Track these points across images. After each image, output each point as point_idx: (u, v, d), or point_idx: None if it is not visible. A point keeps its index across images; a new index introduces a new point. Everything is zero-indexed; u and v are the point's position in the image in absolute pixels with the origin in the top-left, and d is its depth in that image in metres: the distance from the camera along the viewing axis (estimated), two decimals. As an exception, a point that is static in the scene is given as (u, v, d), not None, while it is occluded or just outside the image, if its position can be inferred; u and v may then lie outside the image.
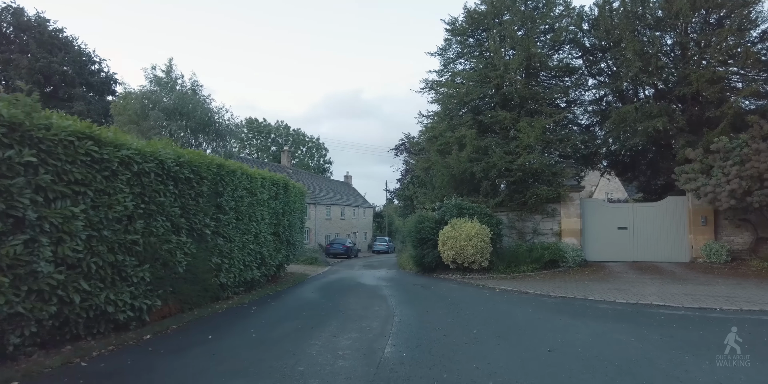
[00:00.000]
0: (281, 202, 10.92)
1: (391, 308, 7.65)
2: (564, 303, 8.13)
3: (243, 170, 8.70)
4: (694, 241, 12.98)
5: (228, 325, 6.51)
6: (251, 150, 51.97)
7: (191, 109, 21.20)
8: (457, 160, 14.57)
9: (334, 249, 29.56)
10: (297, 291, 10.30)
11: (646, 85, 14.01)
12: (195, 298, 7.38)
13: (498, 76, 14.87)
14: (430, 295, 9.35)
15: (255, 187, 9.24)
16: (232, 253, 8.26)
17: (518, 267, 12.61)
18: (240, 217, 8.58)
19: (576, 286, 9.88)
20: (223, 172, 7.78)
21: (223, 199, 7.84)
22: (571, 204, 14.10)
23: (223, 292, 8.37)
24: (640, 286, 9.59)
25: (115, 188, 5.24)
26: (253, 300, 8.80)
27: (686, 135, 12.81)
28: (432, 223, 13.52)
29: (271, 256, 10.30)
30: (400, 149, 32.54)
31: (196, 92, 22.57)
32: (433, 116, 17.59)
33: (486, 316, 6.88)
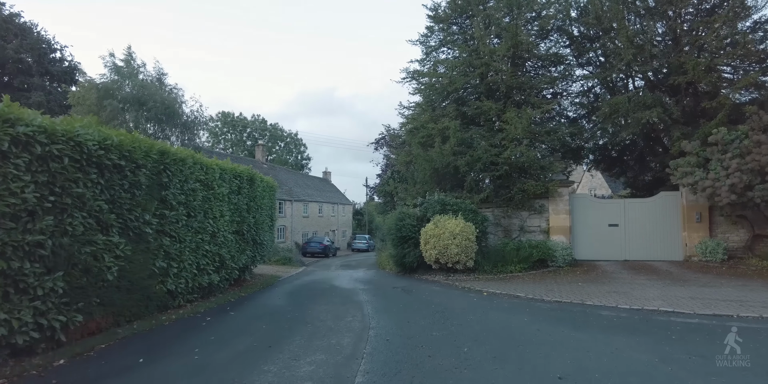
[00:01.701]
0: (245, 197, 9.75)
1: (366, 318, 6.63)
2: (561, 309, 7.25)
3: (196, 159, 7.50)
4: (689, 239, 12.36)
5: (169, 343, 5.38)
6: (226, 145, 50.04)
7: (154, 98, 19.70)
8: (440, 153, 13.66)
9: (311, 248, 28.17)
10: (263, 297, 9.17)
11: (639, 74, 13.33)
12: (134, 309, 6.22)
13: (483, 64, 13.99)
14: (412, 300, 8.36)
15: (212, 180, 8.06)
16: (182, 254, 7.09)
17: (505, 267, 11.77)
18: (192, 214, 7.41)
19: (570, 289, 9.05)
20: (168, 160, 6.56)
21: (169, 192, 6.66)
22: (560, 200, 13.34)
23: (173, 300, 7.22)
24: (640, 288, 8.82)
25: (5, 175, 4.05)
26: (209, 308, 7.66)
27: (681, 127, 12.17)
28: (413, 221, 12.58)
29: (233, 258, 9.14)
30: (380, 143, 31.21)
31: (162, 81, 21.04)
32: (414, 107, 16.63)
33: (477, 329, 5.93)
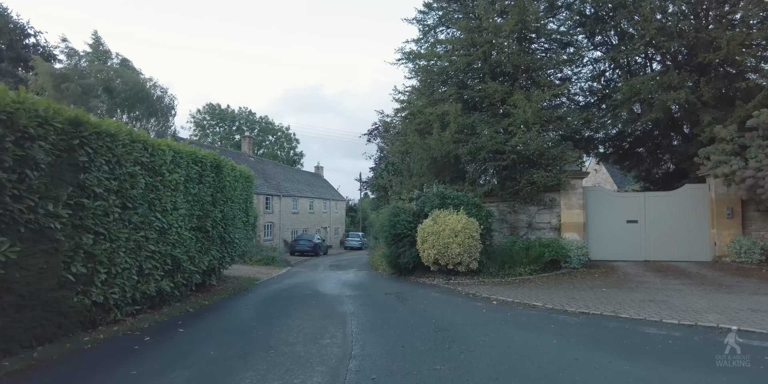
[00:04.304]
0: (209, 188, 8.22)
1: (349, 340, 5.14)
2: (593, 325, 5.82)
3: (135, 136, 5.94)
4: (718, 237, 10.98)
5: (69, 381, 3.88)
6: (214, 138, 48.15)
7: (124, 80, 18.00)
8: (439, 140, 12.18)
9: (300, 246, 26.41)
10: (228, 306, 7.66)
11: (658, 54, 11.86)
12: (39, 330, 4.70)
13: (487, 41, 12.50)
14: (408, 312, 6.89)
15: (160, 164, 6.51)
16: (114, 257, 5.56)
17: (513, 269, 10.34)
18: (130, 205, 5.86)
19: (595, 296, 7.63)
20: (86, 132, 5.00)
21: (91, 175, 5.11)
22: (573, 193, 11.91)
23: (106, 314, 5.71)
24: (678, 295, 7.42)
25: None
26: (156, 323, 6.16)
27: (711, 110, 10.75)
28: (409, 216, 11.13)
29: (193, 260, 7.60)
30: (373, 134, 29.53)
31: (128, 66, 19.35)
32: (410, 92, 15.11)
33: (494, 358, 4.46)
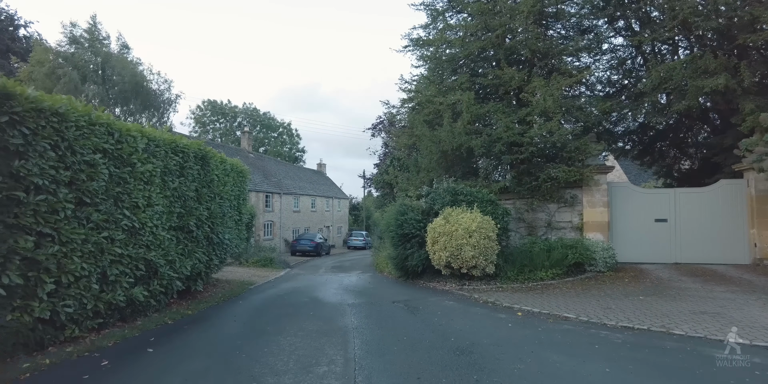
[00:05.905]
0: (193, 181, 7.24)
1: (350, 371, 4.13)
2: (646, 346, 4.80)
3: (94, 118, 4.95)
4: (759, 238, 9.93)
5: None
6: (214, 135, 47.21)
7: (121, 72, 17.04)
8: (451, 132, 11.18)
9: (301, 246, 25.34)
10: (213, 317, 6.69)
11: (701, 30, 10.76)
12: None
13: (502, 25, 11.46)
14: (420, 328, 5.87)
15: (129, 152, 5.53)
16: (66, 263, 4.59)
17: (534, 273, 9.34)
18: (89, 200, 4.89)
19: (633, 306, 6.62)
20: (18, 108, 3.98)
21: (27, 163, 4.13)
22: (597, 189, 10.88)
23: (59, 331, 4.75)
24: (732, 306, 6.40)
25: None
26: (123, 339, 5.20)
27: (754, 97, 9.69)
28: (417, 215, 10.15)
29: (173, 263, 6.63)
30: (378, 128, 28.31)
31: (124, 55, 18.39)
32: (418, 81, 14.07)
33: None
